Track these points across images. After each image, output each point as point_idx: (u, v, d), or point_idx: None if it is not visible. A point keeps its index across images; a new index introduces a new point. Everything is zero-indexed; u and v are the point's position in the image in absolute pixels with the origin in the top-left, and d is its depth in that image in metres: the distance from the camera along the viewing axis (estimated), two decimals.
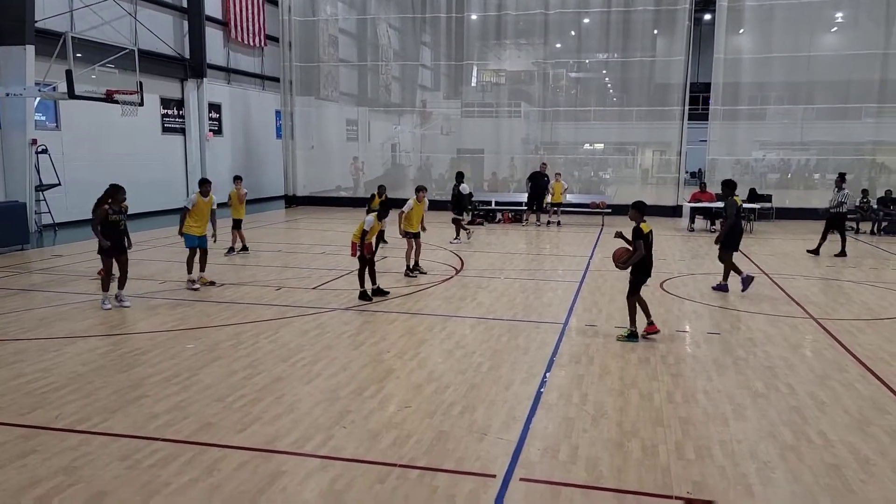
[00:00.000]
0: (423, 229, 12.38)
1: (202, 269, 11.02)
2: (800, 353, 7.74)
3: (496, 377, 6.76)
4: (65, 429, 5.42)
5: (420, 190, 12.47)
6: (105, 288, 9.44)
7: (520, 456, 5.02)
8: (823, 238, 15.03)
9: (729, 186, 11.26)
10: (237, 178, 14.88)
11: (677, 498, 4.40)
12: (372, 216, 9.87)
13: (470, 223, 20.51)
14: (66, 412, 5.76)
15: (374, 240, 10.31)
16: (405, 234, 12.07)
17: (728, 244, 10.94)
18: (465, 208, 16.11)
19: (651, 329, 8.20)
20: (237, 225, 14.23)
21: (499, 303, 10.13)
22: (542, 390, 6.40)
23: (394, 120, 28.99)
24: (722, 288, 11.02)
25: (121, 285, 9.57)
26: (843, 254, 14.72)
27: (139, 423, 5.56)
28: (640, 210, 8.18)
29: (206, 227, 10.93)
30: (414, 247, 12.10)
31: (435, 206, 16.05)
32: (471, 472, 4.75)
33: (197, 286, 10.73)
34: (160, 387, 6.40)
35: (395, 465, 4.85)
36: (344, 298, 10.19)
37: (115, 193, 9.61)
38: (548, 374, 6.87)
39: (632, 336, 8.08)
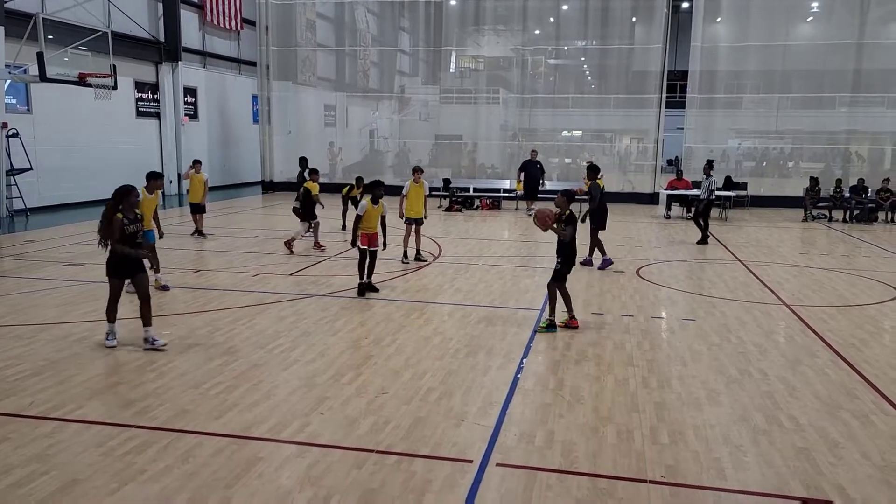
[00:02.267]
0: (425, 216, 11.97)
1: (157, 271, 9.71)
2: (772, 339, 7.88)
3: (473, 363, 6.80)
4: (38, 416, 5.36)
5: (415, 170, 11.96)
6: (111, 318, 7.18)
7: (496, 441, 5.06)
8: (706, 224, 14.76)
9: (594, 170, 12.03)
10: (196, 163, 14.66)
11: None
12: (365, 200, 9.30)
13: (448, 210, 20.56)
14: (39, 399, 5.69)
15: (380, 230, 9.58)
16: (405, 220, 11.82)
17: (596, 224, 11.76)
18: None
19: (572, 323, 7.99)
20: (196, 209, 14.22)
21: (476, 289, 10.16)
22: (518, 376, 6.45)
23: (372, 106, 28.81)
24: (587, 262, 11.71)
25: (146, 320, 7.12)
26: (704, 241, 14.51)
27: (114, 410, 5.51)
28: (569, 199, 8.12)
29: (150, 223, 9.42)
30: (412, 233, 11.84)
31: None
32: (448, 458, 4.78)
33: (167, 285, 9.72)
34: (136, 374, 6.34)
35: (372, 451, 4.86)
36: (321, 285, 10.15)
37: (126, 197, 7.16)
38: (524, 360, 6.92)
39: (551, 326, 7.89)
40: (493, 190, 22.33)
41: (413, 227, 11.84)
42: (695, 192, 19.90)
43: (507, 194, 21.95)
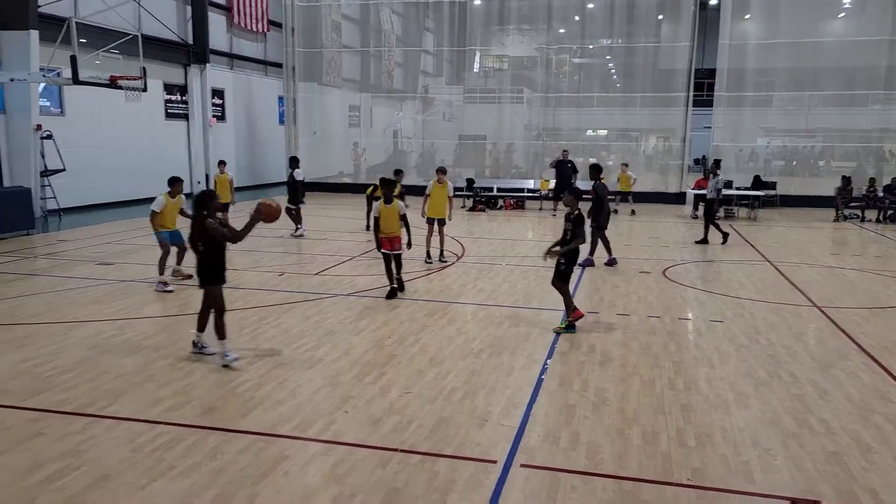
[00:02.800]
0: (449, 218, 11.88)
1: (179, 262, 10.25)
2: (803, 341, 7.75)
3: (497, 363, 6.79)
4: (71, 412, 5.47)
5: (439, 171, 11.92)
6: (221, 335, 6.70)
7: (520, 442, 5.05)
8: (712, 225, 14.59)
9: (596, 170, 12.15)
10: (221, 163, 15.05)
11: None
12: (377, 203, 9.31)
13: (472, 210, 20.54)
14: (72, 396, 5.81)
15: (402, 232, 9.38)
16: (427, 219, 11.81)
17: (599, 223, 11.77)
18: (301, 198, 15.15)
19: (576, 314, 7.96)
20: (223, 208, 14.42)
21: (500, 290, 10.14)
22: (542, 377, 6.43)
23: (396, 106, 28.92)
24: (589, 263, 11.71)
25: (221, 332, 6.70)
26: (704, 241, 14.37)
27: (144, 407, 5.60)
28: (578, 196, 8.08)
29: (176, 224, 9.98)
30: (434, 233, 11.81)
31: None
32: (471, 458, 4.79)
33: (170, 288, 9.79)
34: (165, 371, 6.44)
35: (396, 450, 4.88)
36: (346, 285, 10.22)
37: (209, 201, 6.64)
38: (549, 361, 6.89)
39: (570, 327, 7.86)
40: (517, 190, 22.26)
41: (435, 226, 11.83)
42: (701, 191, 19.70)
43: (531, 194, 21.86)
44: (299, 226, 15.00)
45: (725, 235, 14.47)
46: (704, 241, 14.42)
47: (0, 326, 7.95)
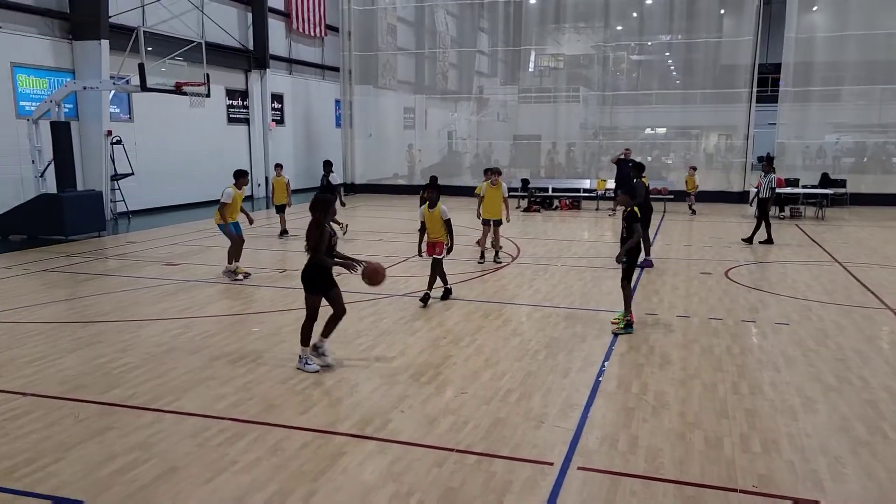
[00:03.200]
0: (507, 219, 11.74)
1: (237, 259, 10.76)
2: (875, 345, 7.43)
3: (553, 365, 6.73)
4: (140, 407, 5.68)
5: (491, 172, 11.71)
6: (305, 341, 6.60)
7: (577, 444, 4.99)
8: (759, 224, 14.21)
9: (639, 169, 11.76)
10: (278, 167, 15.69)
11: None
12: (422, 207, 9.20)
13: (527, 210, 20.43)
14: (140, 391, 6.03)
15: (446, 238, 9.09)
16: (482, 220, 11.77)
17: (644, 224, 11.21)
18: (340, 201, 15.21)
19: (630, 318, 7.95)
20: (280, 209, 15.14)
21: (556, 290, 10.06)
22: (600, 379, 6.34)
23: (450, 107, 29.00)
24: (647, 263, 11.36)
25: (327, 331, 6.69)
26: (769, 241, 13.92)
27: (208, 402, 5.78)
28: (631, 195, 8.02)
29: (237, 215, 10.80)
30: (489, 233, 11.73)
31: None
32: (528, 460, 4.76)
33: (240, 277, 10.57)
34: (227, 368, 6.62)
35: (452, 450, 4.89)
36: (401, 285, 10.30)
37: (328, 208, 6.51)
38: (606, 363, 6.80)
39: (628, 326, 7.80)
40: (572, 190, 22.02)
41: (490, 227, 11.80)
42: (787, 189, 19.04)
43: (587, 194, 21.60)
44: (341, 224, 15.11)
45: (769, 238, 14.08)
46: (769, 241, 13.99)
47: (75, 324, 8.33)
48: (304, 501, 4.21)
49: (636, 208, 7.93)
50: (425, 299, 9.09)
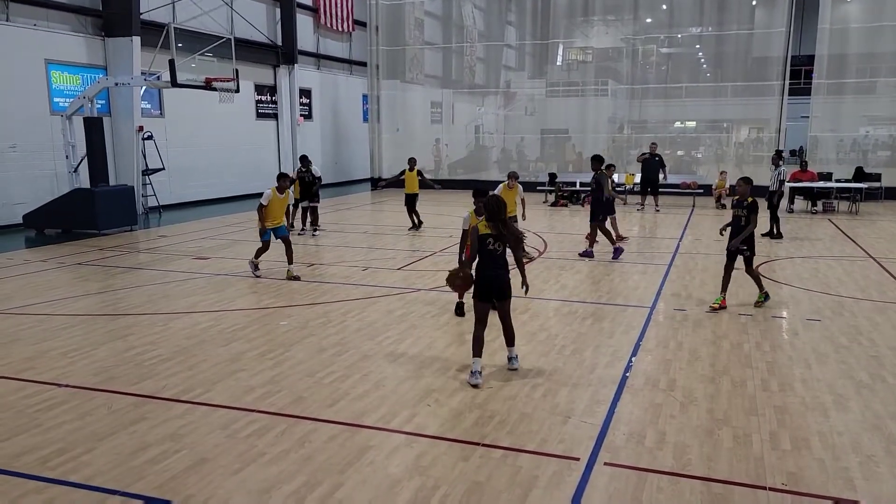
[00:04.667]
0: (524, 216, 11.63)
1: (290, 262, 10.36)
2: None
3: (580, 360, 6.70)
4: (171, 398, 5.78)
5: (509, 177, 11.55)
6: (477, 350, 6.15)
7: (604, 440, 4.97)
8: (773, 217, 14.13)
9: (598, 161, 12.07)
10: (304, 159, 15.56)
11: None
12: (467, 215, 8.13)
13: (554, 204, 20.31)
14: (171, 383, 6.14)
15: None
16: None
17: (602, 215, 11.85)
18: (316, 193, 14.74)
19: (722, 303, 8.55)
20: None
21: (583, 285, 10.00)
22: (627, 375, 6.30)
23: (477, 101, 28.93)
24: (588, 254, 11.75)
25: (509, 340, 6.42)
26: (778, 235, 13.80)
27: (237, 395, 5.86)
28: (750, 184, 8.58)
29: (281, 219, 10.47)
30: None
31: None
32: (554, 455, 4.75)
33: (259, 272, 10.39)
34: (256, 361, 6.71)
35: (478, 444, 4.90)
36: (428, 279, 10.32)
37: (499, 210, 6.11)
38: (633, 359, 6.75)
39: (766, 297, 8.73)
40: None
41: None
42: (820, 184, 18.68)
43: (615, 188, 21.37)
44: (317, 226, 14.99)
45: (773, 233, 14.00)
46: (772, 234, 13.95)
47: (107, 317, 8.50)
48: (330, 493, 4.25)
49: (754, 199, 8.45)
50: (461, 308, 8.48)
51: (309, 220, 14.93)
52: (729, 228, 8.70)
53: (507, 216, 6.21)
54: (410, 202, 15.33)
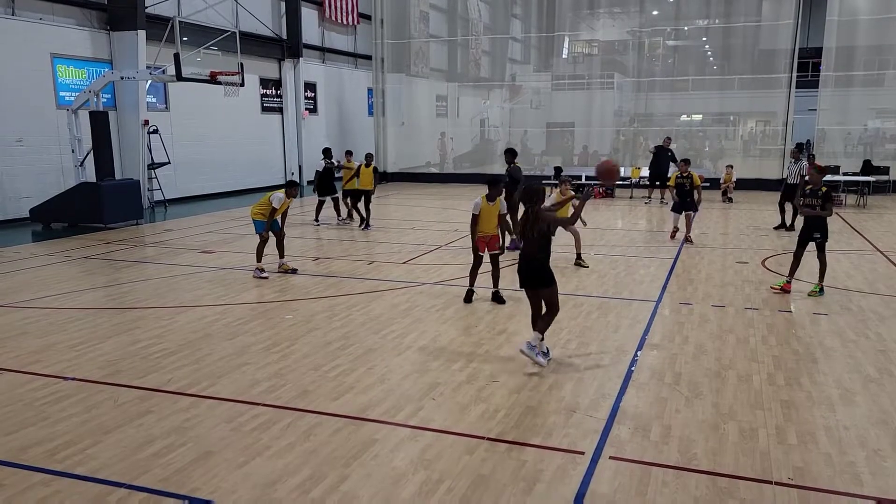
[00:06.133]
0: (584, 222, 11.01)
1: (281, 255, 10.51)
2: None
3: (585, 354, 6.69)
4: (177, 392, 5.80)
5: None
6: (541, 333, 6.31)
7: (609, 434, 4.96)
8: (794, 209, 13.88)
9: (511, 154, 11.92)
10: (349, 153, 15.83)
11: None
12: (478, 200, 8.37)
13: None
14: (177, 376, 6.16)
15: (499, 231, 8.61)
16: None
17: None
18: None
19: (786, 287, 9.02)
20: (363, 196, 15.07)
21: (588, 279, 9.98)
22: (632, 369, 6.29)
23: (483, 95, 28.85)
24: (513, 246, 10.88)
25: (543, 326, 6.37)
26: (791, 227, 13.75)
27: (242, 388, 5.87)
28: (824, 173, 9.04)
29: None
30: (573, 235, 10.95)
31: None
32: (559, 448, 4.74)
33: (266, 274, 10.12)
34: (261, 355, 6.72)
35: (483, 437, 4.90)
36: (433, 273, 10.32)
37: (539, 195, 6.35)
38: (639, 353, 6.73)
39: (821, 291, 8.94)
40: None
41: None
42: (827, 177, 18.55)
43: (621, 182, 21.33)
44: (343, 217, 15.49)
45: (783, 225, 14.14)
46: (791, 226, 13.90)
47: (114, 310, 8.53)
48: (335, 487, 4.26)
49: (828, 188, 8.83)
50: (493, 298, 8.66)
51: (347, 211, 15.46)
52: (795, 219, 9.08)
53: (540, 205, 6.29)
54: (367, 198, 14.78)
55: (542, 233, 6.16)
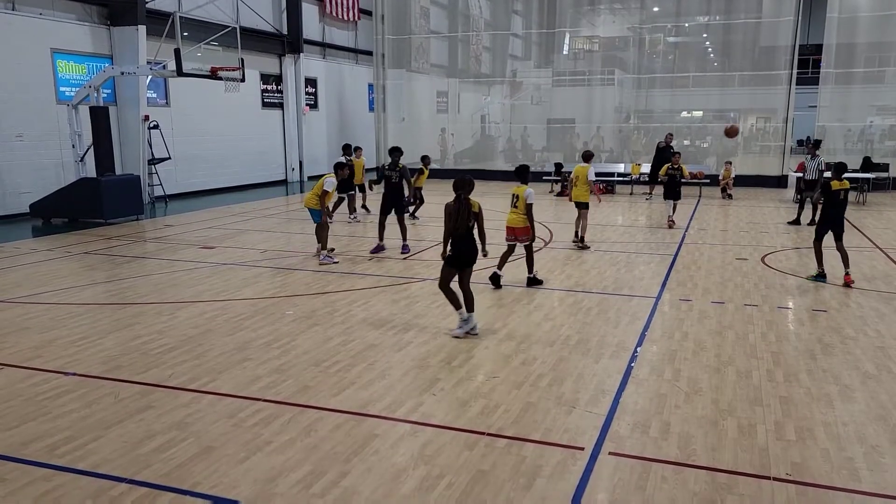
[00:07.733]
0: (598, 200, 11.78)
1: (319, 242, 11.10)
2: None
3: (585, 350, 6.71)
4: (177, 387, 5.82)
5: (585, 156, 12.00)
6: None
7: (609, 430, 4.98)
8: (802, 207, 14.75)
9: (398, 153, 12.25)
10: (358, 149, 16.13)
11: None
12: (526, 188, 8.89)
13: (560, 195, 20.25)
14: (178, 372, 6.17)
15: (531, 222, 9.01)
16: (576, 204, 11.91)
17: (386, 209, 11.72)
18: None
19: (846, 279, 9.20)
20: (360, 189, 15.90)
21: (588, 275, 9.99)
22: (632, 365, 6.31)
23: (483, 91, 28.81)
24: (378, 249, 11.60)
25: (468, 306, 7.18)
26: (812, 222, 13.65)
27: (243, 384, 5.89)
28: (840, 171, 9.25)
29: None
30: (580, 217, 11.84)
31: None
32: (559, 444, 4.76)
33: (336, 259, 10.84)
34: (262, 350, 6.74)
35: (483, 433, 4.92)
36: (433, 269, 10.33)
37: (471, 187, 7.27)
38: (639, 349, 6.75)
39: (819, 276, 9.34)
40: (606, 174, 21.77)
41: (581, 210, 11.94)
42: (827, 174, 18.55)
43: (621, 178, 21.34)
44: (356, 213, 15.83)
45: (798, 221, 14.46)
46: (813, 221, 13.82)
47: (114, 306, 8.55)
48: (336, 482, 4.28)
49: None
50: (497, 279, 9.28)
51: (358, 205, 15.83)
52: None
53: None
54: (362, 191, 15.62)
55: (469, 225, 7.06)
